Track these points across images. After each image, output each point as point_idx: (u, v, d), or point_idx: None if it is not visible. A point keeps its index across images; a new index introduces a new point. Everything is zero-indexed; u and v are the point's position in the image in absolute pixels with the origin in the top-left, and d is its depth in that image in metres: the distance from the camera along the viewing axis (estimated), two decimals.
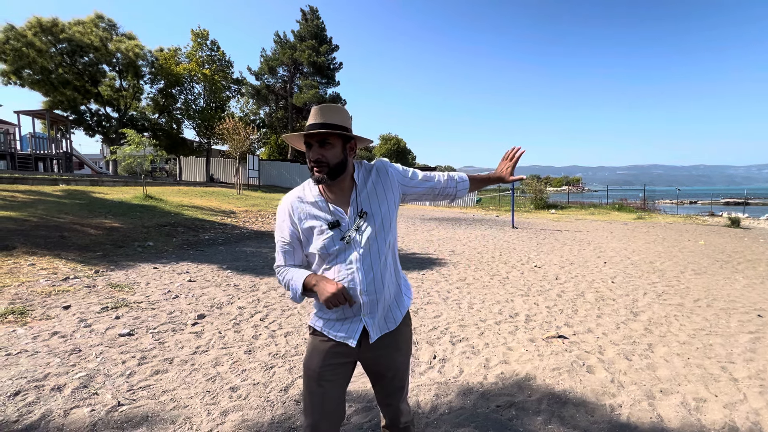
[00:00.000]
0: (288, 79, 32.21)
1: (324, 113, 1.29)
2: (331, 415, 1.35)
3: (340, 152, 1.30)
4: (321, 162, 1.28)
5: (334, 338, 1.38)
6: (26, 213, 7.65)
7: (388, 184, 1.39)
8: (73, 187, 12.41)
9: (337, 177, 1.32)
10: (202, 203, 12.92)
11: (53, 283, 4.70)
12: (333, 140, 1.29)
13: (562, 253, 8.22)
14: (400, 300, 1.46)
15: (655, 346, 3.39)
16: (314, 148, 1.29)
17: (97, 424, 2.16)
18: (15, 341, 3.11)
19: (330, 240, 1.32)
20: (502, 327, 3.85)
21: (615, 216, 18.36)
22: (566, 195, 32.95)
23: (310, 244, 1.36)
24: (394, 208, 1.40)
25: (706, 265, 7.07)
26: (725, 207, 30.46)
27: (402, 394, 1.49)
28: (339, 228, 1.32)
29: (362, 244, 1.33)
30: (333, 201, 1.36)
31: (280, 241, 1.42)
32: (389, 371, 1.44)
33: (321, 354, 1.38)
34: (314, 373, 1.36)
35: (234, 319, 3.88)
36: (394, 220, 1.42)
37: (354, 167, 1.40)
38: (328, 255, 1.34)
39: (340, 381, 1.39)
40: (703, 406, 2.47)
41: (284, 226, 1.39)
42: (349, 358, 1.40)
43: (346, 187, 1.37)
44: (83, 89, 19.87)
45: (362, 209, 1.34)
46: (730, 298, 4.91)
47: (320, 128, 1.26)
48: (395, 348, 1.43)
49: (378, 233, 1.35)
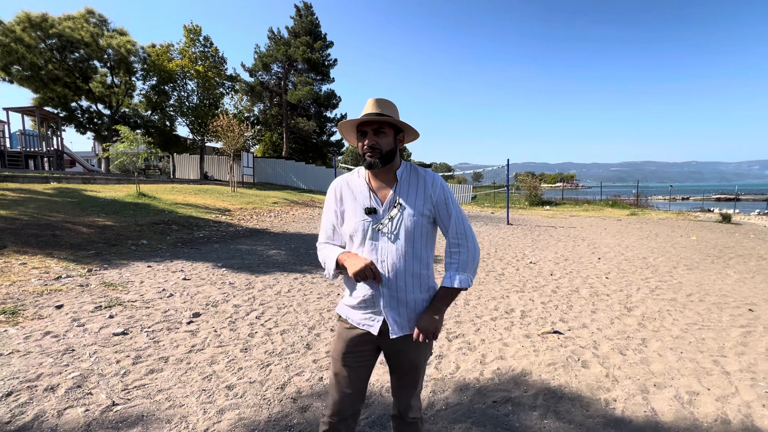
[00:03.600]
0: (282, 76, 31.95)
1: (380, 105, 1.42)
2: (352, 396, 1.45)
3: (391, 141, 1.43)
4: (375, 148, 1.40)
5: (357, 326, 1.46)
6: (17, 211, 7.54)
7: (428, 193, 1.44)
8: (65, 185, 12.24)
9: (386, 164, 1.42)
10: (197, 201, 12.82)
11: (45, 282, 4.65)
12: (386, 129, 1.41)
13: (557, 250, 8.27)
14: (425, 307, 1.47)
15: (649, 341, 3.43)
16: (369, 135, 1.41)
17: (92, 424, 2.14)
18: (6, 341, 3.07)
19: (362, 224, 1.42)
20: (498, 323, 3.87)
21: (608, 212, 18.52)
22: (560, 192, 33.14)
23: (345, 224, 1.47)
24: (427, 220, 1.43)
25: (698, 260, 7.16)
26: (716, 203, 30.83)
27: (414, 390, 1.52)
28: (375, 215, 1.42)
29: (392, 235, 1.40)
30: (376, 189, 1.46)
31: (325, 220, 1.54)
32: (405, 367, 1.49)
33: (345, 340, 1.47)
34: (338, 357, 1.47)
35: (230, 317, 3.86)
36: (430, 233, 1.46)
37: (400, 164, 1.48)
38: (359, 238, 1.43)
39: (363, 366, 1.47)
40: (695, 400, 2.50)
41: (329, 206, 1.52)
42: (371, 345, 1.46)
43: (390, 180, 1.46)
44: (74, 86, 19.59)
45: (399, 201, 1.43)
46: (722, 293, 4.98)
47: (375, 117, 1.38)
48: (416, 347, 1.47)
49: (408, 233, 1.40)
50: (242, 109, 29.47)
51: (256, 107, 32.73)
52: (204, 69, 22.93)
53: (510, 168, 14.84)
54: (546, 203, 23.13)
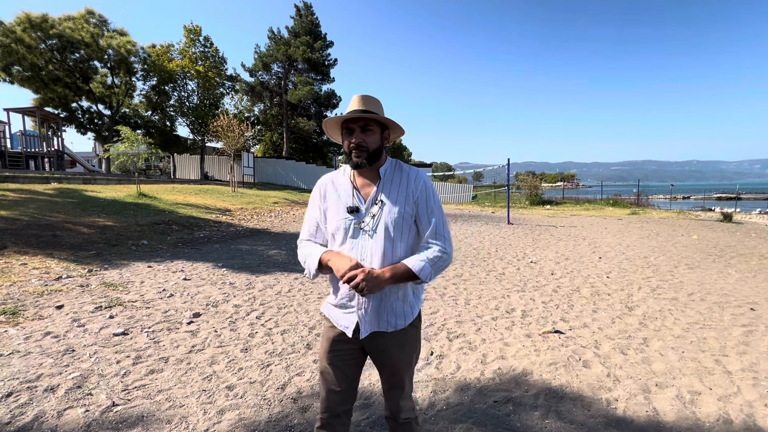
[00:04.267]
0: (282, 76, 31.95)
1: (365, 101, 1.39)
2: (341, 394, 1.45)
3: (378, 139, 1.40)
4: (361, 146, 1.37)
5: (337, 326, 1.45)
6: (17, 212, 7.54)
7: (410, 189, 1.41)
8: (65, 185, 12.25)
9: (373, 162, 1.40)
10: (197, 201, 12.82)
11: (46, 282, 4.64)
12: (373, 127, 1.39)
13: (558, 249, 8.26)
14: (404, 309, 1.44)
15: (650, 340, 3.41)
16: (356, 133, 1.38)
17: (92, 424, 2.13)
18: (7, 342, 3.07)
19: (344, 222, 1.40)
20: (499, 323, 3.86)
21: (609, 211, 18.49)
22: (561, 191, 33.11)
23: (327, 222, 1.45)
24: (409, 218, 1.40)
25: (700, 259, 7.14)
26: (718, 202, 30.78)
27: (401, 392, 1.49)
28: (357, 213, 1.40)
29: (372, 233, 1.37)
30: (359, 187, 1.44)
31: (308, 217, 1.52)
32: (388, 367, 1.47)
33: (328, 340, 1.47)
34: (323, 356, 1.47)
35: (230, 317, 3.85)
36: (412, 231, 1.41)
37: (386, 161, 1.46)
38: (340, 236, 1.41)
39: (348, 365, 1.46)
40: (697, 399, 2.49)
41: (314, 204, 1.51)
42: (353, 345, 1.45)
43: (374, 177, 1.44)
44: (74, 86, 19.61)
45: (380, 199, 1.40)
46: (723, 292, 4.96)
47: (361, 114, 1.35)
48: (398, 347, 1.45)
49: (387, 231, 1.37)
50: (242, 109, 29.51)
51: (257, 107, 32.75)
52: (204, 69, 22.94)
53: (511, 167, 14.83)
54: (547, 203, 23.11)
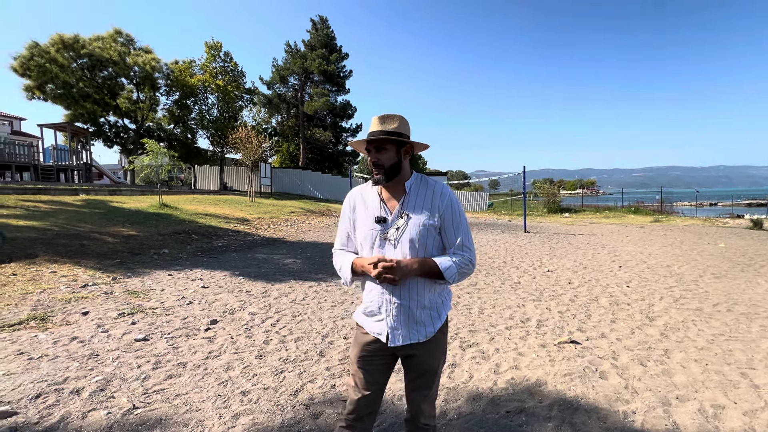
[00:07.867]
0: (299, 88, 32.67)
1: (381, 121, 1.47)
2: (367, 398, 1.50)
3: (393, 155, 1.46)
4: (377, 164, 1.46)
5: (369, 332, 1.52)
6: (48, 222, 7.92)
7: (436, 203, 1.48)
8: (93, 196, 12.79)
9: (392, 178, 1.47)
10: (216, 211, 13.15)
11: (73, 289, 4.85)
12: (387, 145, 1.46)
13: (576, 257, 8.09)
14: (431, 315, 1.49)
15: (672, 352, 3.31)
16: (372, 153, 1.47)
17: (113, 426, 2.22)
18: (37, 346, 3.23)
19: (371, 232, 1.48)
20: (513, 332, 3.81)
21: (631, 219, 17.99)
22: (580, 198, 32.42)
23: (357, 232, 1.54)
24: (434, 230, 1.46)
25: (727, 268, 6.87)
26: (747, 208, 29.51)
27: (427, 393, 1.53)
28: (384, 224, 1.47)
29: (396, 243, 1.44)
30: (386, 200, 1.52)
31: (341, 228, 1.63)
32: (417, 372, 1.52)
33: (359, 345, 1.54)
34: (355, 360, 1.54)
35: (245, 324, 3.93)
36: (436, 244, 1.48)
37: (411, 175, 1.53)
38: (368, 245, 1.48)
39: (378, 370, 1.52)
40: (721, 414, 2.40)
41: (345, 215, 1.60)
42: (384, 351, 1.50)
43: (400, 191, 1.51)
44: (102, 102, 20.56)
45: (406, 212, 1.47)
46: (752, 303, 4.76)
47: (376, 135, 1.44)
48: (428, 355, 1.50)
49: (412, 243, 1.44)
50: (260, 121, 30.22)
51: (274, 119, 33.50)
52: (224, 83, 23.69)
53: (528, 175, 14.67)
54: (565, 210, 22.66)
